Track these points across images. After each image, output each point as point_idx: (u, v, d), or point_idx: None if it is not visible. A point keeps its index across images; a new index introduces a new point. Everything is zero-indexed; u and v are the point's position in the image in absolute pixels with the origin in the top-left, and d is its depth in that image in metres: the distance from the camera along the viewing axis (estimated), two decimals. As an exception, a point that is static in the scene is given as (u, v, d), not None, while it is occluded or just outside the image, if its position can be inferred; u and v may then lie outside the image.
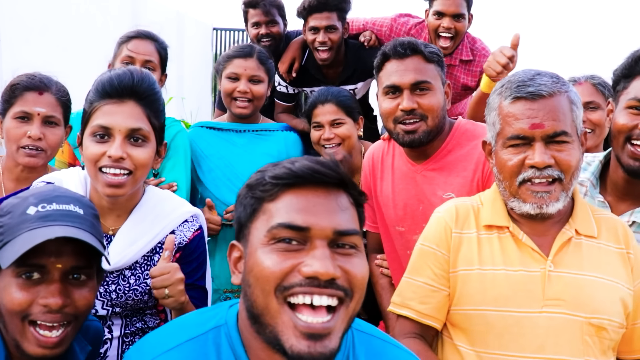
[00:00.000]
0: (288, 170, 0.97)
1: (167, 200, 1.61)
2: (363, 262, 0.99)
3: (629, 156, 1.59)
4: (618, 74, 1.67)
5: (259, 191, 0.99)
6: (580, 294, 1.34)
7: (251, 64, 2.36)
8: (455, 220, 1.47)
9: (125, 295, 1.51)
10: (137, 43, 2.28)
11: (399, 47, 1.80)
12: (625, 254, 1.41)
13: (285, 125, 2.59)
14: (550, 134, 1.34)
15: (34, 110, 1.84)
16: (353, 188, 1.01)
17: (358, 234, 0.99)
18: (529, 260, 1.38)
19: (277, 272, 0.93)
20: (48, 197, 1.15)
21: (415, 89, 1.79)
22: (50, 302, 1.09)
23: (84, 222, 1.15)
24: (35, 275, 1.11)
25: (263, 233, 0.97)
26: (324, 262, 0.92)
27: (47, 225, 1.10)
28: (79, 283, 1.15)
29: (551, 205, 1.35)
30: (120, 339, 1.57)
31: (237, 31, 9.67)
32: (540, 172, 1.34)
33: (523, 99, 1.36)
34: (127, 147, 1.42)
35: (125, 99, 1.43)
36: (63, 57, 4.46)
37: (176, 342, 1.04)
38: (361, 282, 0.97)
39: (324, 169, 0.97)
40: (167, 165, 2.26)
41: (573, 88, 1.41)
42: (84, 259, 1.14)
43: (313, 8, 2.79)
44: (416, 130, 1.78)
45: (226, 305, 1.12)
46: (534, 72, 1.40)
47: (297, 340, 0.92)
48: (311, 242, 0.95)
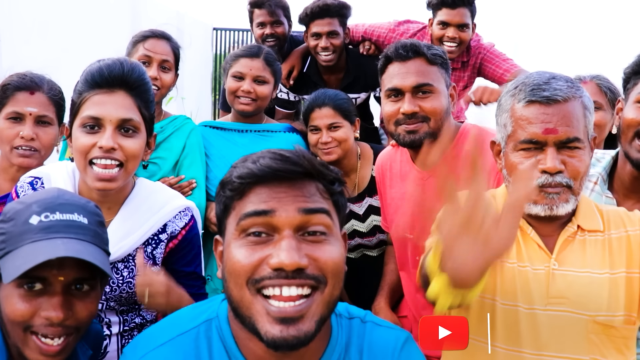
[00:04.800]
0: (250, 171, 1.00)
1: (159, 192, 1.61)
2: (335, 247, 0.99)
3: (638, 150, 1.60)
4: (629, 72, 1.68)
5: (228, 190, 1.04)
6: (584, 292, 1.33)
7: (257, 64, 2.37)
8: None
9: (119, 288, 1.50)
10: (154, 42, 2.29)
11: (401, 50, 1.79)
12: (630, 234, 1.39)
13: (288, 126, 2.59)
14: (563, 139, 1.33)
15: (26, 110, 1.84)
16: (323, 177, 1.01)
17: (326, 212, 0.99)
18: (534, 256, 1.38)
19: (246, 266, 0.97)
20: (51, 205, 1.13)
21: (417, 92, 1.78)
22: (51, 316, 1.09)
23: (88, 232, 1.14)
24: (38, 286, 1.10)
25: (234, 227, 1.01)
26: (289, 253, 0.94)
27: (49, 237, 1.09)
28: (82, 294, 1.14)
29: (561, 206, 1.35)
30: (119, 335, 1.57)
31: (237, 31, 9.66)
32: (553, 179, 1.33)
33: (537, 103, 1.35)
34: (117, 138, 1.41)
35: (115, 89, 1.42)
36: (63, 57, 4.44)
37: (169, 336, 1.08)
38: (333, 267, 0.97)
39: (285, 166, 0.99)
40: (185, 163, 2.30)
41: (586, 93, 1.40)
42: (87, 270, 1.12)
43: (315, 14, 2.87)
44: (417, 131, 1.77)
45: (218, 299, 1.15)
46: (549, 76, 1.39)
47: (271, 326, 0.94)
48: (279, 233, 0.97)
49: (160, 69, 2.30)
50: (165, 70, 2.32)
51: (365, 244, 2.46)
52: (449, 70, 1.87)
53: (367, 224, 2.40)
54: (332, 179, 1.04)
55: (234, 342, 1.05)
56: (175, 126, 2.38)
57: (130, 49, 2.34)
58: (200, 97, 8.61)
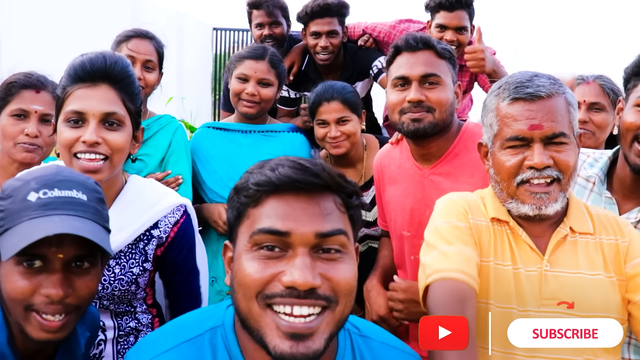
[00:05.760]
0: (268, 179, 0.97)
1: (152, 188, 1.59)
2: (349, 266, 0.98)
3: (636, 155, 1.59)
4: (629, 72, 1.67)
5: (243, 196, 1.00)
6: (576, 294, 1.33)
7: (262, 67, 2.37)
8: (469, 207, 1.45)
9: (111, 285, 1.49)
10: (137, 42, 2.30)
11: (412, 41, 1.80)
12: (619, 243, 1.40)
13: (292, 126, 2.59)
14: (549, 135, 1.34)
15: (32, 108, 1.86)
16: (341, 191, 0.99)
17: (343, 233, 0.98)
18: (526, 258, 1.38)
19: (257, 280, 0.94)
20: (50, 181, 1.12)
21: (425, 82, 1.78)
22: (51, 293, 1.07)
23: (87, 209, 1.12)
24: (37, 263, 1.09)
25: (246, 238, 0.98)
26: (303, 272, 0.92)
27: (47, 214, 1.07)
28: (82, 271, 1.13)
29: (550, 206, 1.35)
30: (115, 340, 1.56)
31: (237, 31, 9.65)
32: (540, 173, 1.34)
33: (522, 100, 1.36)
34: (101, 132, 1.40)
35: (98, 83, 1.41)
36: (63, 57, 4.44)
37: (173, 343, 1.06)
38: (346, 288, 0.96)
39: (305, 177, 0.96)
40: (171, 159, 2.31)
41: (569, 90, 1.41)
42: (86, 247, 1.11)
43: (315, 13, 2.87)
44: (422, 120, 1.76)
45: (224, 306, 1.13)
46: (532, 74, 1.40)
47: (280, 341, 0.93)
48: (293, 249, 0.95)
49: (144, 68, 2.30)
50: (149, 70, 2.32)
51: (371, 234, 2.46)
52: (456, 67, 1.87)
53: (374, 212, 2.41)
54: (350, 192, 1.01)
55: (239, 351, 1.04)
56: (160, 124, 2.38)
57: (114, 49, 2.33)
58: (200, 97, 8.61)
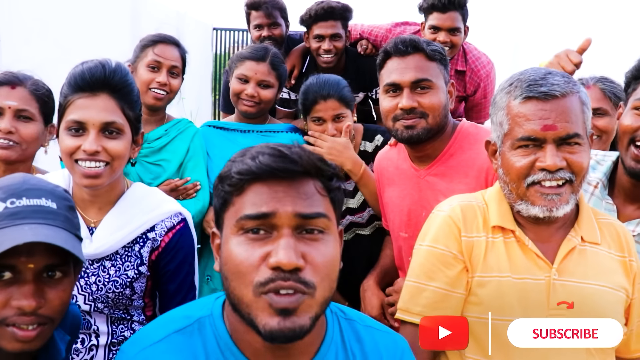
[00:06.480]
0: (249, 168, 1.00)
1: (153, 195, 1.61)
2: (329, 246, 1.01)
3: (631, 158, 1.58)
4: (629, 76, 1.66)
5: (227, 185, 1.03)
6: (584, 303, 1.31)
7: (262, 68, 2.37)
8: (463, 222, 1.41)
9: (106, 287, 1.50)
10: (164, 48, 2.31)
11: (400, 45, 1.78)
12: (628, 261, 1.38)
13: (291, 126, 2.59)
14: (562, 136, 1.30)
15: (5, 104, 1.83)
16: (321, 175, 1.02)
17: (324, 216, 1.02)
18: (533, 267, 1.35)
19: (250, 267, 0.98)
20: (17, 190, 1.09)
21: (416, 87, 1.77)
22: (23, 305, 1.05)
23: (57, 217, 1.10)
24: (7, 275, 1.06)
25: (233, 223, 1.02)
26: (287, 252, 0.96)
27: (16, 224, 1.05)
28: (54, 281, 1.10)
29: (561, 208, 1.32)
30: (107, 347, 1.55)
31: (237, 31, 9.65)
32: (552, 175, 1.30)
33: (535, 99, 1.32)
34: (101, 141, 1.43)
35: (97, 92, 1.43)
36: (63, 57, 4.44)
37: (164, 333, 1.09)
38: (326, 268, 0.99)
39: (284, 165, 0.99)
40: (189, 165, 2.32)
41: (583, 88, 1.37)
42: (57, 256, 1.08)
43: (319, 16, 2.87)
44: (415, 126, 1.76)
45: (213, 297, 1.16)
46: (545, 71, 1.36)
47: (270, 318, 0.96)
48: (277, 231, 0.99)
49: (170, 74, 2.32)
50: (174, 75, 2.34)
51: (356, 221, 2.45)
52: (447, 67, 1.85)
53: (357, 199, 2.41)
54: (329, 175, 1.04)
55: (229, 337, 1.07)
56: (179, 129, 2.39)
57: (138, 53, 2.34)
58: (200, 97, 8.61)
